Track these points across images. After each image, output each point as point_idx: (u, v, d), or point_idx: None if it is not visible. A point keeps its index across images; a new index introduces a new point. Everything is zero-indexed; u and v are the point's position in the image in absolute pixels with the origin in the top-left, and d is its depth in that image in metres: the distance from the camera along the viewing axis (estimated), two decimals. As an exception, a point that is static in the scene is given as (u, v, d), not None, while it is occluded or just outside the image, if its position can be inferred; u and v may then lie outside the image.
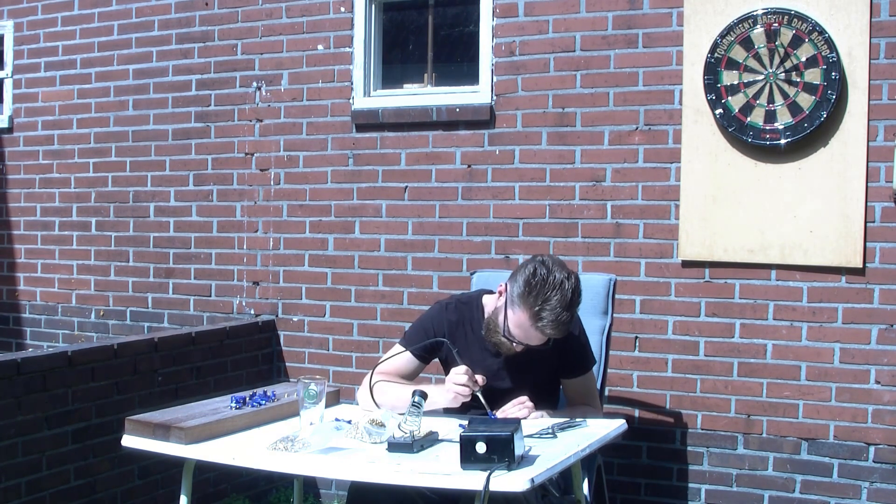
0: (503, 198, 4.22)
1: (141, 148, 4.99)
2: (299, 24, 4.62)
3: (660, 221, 3.96)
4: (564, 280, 2.74)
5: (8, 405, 3.42)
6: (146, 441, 2.62)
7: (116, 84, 5.05)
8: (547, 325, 2.73)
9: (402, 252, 4.42)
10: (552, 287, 2.72)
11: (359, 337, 4.52)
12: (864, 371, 3.69)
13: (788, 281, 3.78)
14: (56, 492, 3.61)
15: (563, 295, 2.71)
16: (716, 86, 3.79)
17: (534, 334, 2.78)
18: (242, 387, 4.26)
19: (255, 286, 4.75)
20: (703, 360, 3.91)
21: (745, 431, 3.86)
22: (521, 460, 2.32)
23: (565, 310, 2.72)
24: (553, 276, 2.73)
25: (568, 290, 2.72)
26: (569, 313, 2.74)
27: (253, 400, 2.88)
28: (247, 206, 4.75)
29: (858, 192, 3.63)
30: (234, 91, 4.76)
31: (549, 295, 2.71)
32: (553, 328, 2.73)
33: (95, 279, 5.13)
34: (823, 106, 3.63)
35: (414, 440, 2.46)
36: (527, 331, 2.78)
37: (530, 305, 2.73)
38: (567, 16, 4.10)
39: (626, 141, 4.01)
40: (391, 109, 4.42)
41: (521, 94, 4.18)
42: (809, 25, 3.64)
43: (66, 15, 5.18)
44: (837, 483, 3.73)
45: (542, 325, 2.73)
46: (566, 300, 2.72)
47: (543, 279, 2.73)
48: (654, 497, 4.01)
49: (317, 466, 2.46)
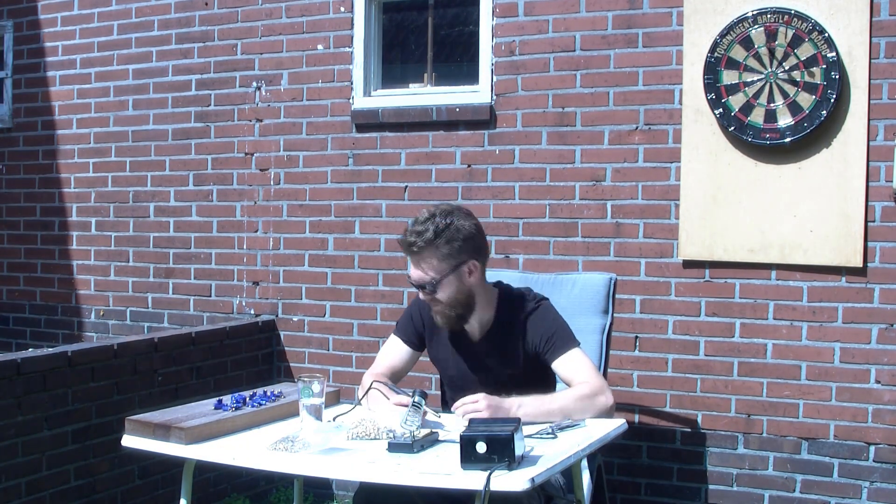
0: (503, 197, 4.22)
1: (141, 148, 4.99)
2: (299, 23, 4.62)
3: (660, 221, 3.96)
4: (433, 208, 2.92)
5: (8, 405, 3.42)
6: (146, 441, 2.62)
7: (116, 84, 5.05)
8: (402, 238, 2.87)
9: (401, 252, 4.41)
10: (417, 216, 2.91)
11: (359, 337, 4.52)
12: (864, 371, 3.69)
13: (788, 280, 3.78)
14: (56, 492, 3.61)
15: (420, 214, 2.89)
16: (716, 85, 3.79)
17: (410, 265, 2.92)
18: (242, 387, 4.26)
19: (255, 286, 4.75)
20: (704, 359, 3.91)
21: (746, 431, 3.86)
22: (522, 460, 2.32)
23: (420, 223, 2.86)
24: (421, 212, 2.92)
25: (428, 212, 2.89)
26: (423, 225, 2.85)
27: (253, 400, 2.88)
28: (247, 206, 4.75)
29: (859, 192, 3.63)
30: (233, 91, 4.76)
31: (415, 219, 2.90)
32: (404, 239, 2.86)
33: (95, 279, 5.13)
34: (823, 105, 3.63)
35: (414, 440, 2.46)
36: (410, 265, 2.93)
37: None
38: (567, 15, 4.10)
39: (626, 140, 4.01)
40: (391, 109, 4.42)
41: (521, 93, 4.18)
42: (809, 25, 3.63)
43: (66, 15, 5.18)
44: (838, 483, 3.73)
45: (400, 241, 2.89)
46: (422, 216, 2.88)
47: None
48: (655, 497, 4.01)
49: (317, 466, 2.46)
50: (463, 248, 2.87)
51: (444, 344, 3.05)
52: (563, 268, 4.03)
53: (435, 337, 3.08)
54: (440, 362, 3.12)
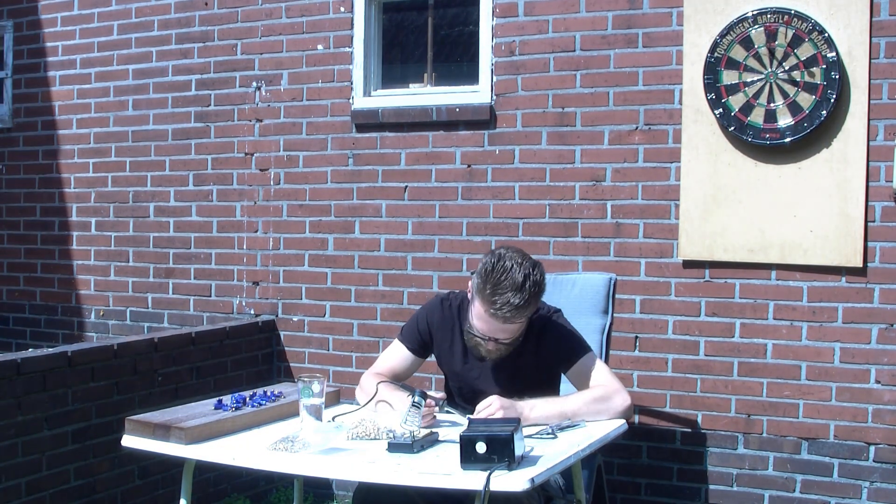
0: (503, 198, 4.22)
1: (141, 148, 4.99)
2: (299, 23, 4.61)
3: (660, 221, 3.96)
4: (515, 265, 2.76)
5: (8, 405, 3.42)
6: (146, 441, 2.62)
7: (116, 84, 5.05)
8: (501, 309, 2.73)
9: (402, 252, 4.42)
10: (503, 272, 2.75)
11: (359, 337, 4.52)
12: (864, 371, 3.69)
13: (788, 280, 3.78)
14: (56, 492, 3.61)
15: (513, 278, 2.73)
16: (716, 85, 3.79)
17: (493, 323, 2.78)
18: (242, 387, 4.26)
19: (255, 286, 4.75)
20: (704, 359, 3.91)
21: (746, 431, 3.86)
22: (522, 460, 2.32)
23: (517, 291, 2.72)
24: (504, 263, 2.77)
25: (519, 273, 2.74)
26: (521, 295, 2.73)
27: (253, 400, 2.88)
28: (247, 206, 4.75)
29: (858, 192, 3.63)
30: (233, 91, 4.76)
31: (500, 279, 2.74)
32: (507, 311, 2.73)
33: (95, 279, 5.13)
34: (823, 105, 3.63)
35: (414, 440, 2.46)
36: (486, 321, 2.79)
37: (486, 294, 2.75)
38: (567, 15, 4.10)
39: (626, 141, 4.01)
40: (391, 109, 4.42)
41: (521, 93, 4.18)
42: (809, 25, 3.63)
43: (66, 15, 5.18)
44: (838, 483, 3.73)
45: (496, 310, 2.74)
46: (516, 283, 2.73)
47: (493, 266, 2.77)
48: (655, 497, 4.01)
49: (317, 466, 2.46)
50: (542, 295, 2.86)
51: (457, 356, 3.01)
52: (563, 268, 4.03)
53: (445, 348, 3.04)
54: (451, 373, 3.08)
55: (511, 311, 2.73)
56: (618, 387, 2.86)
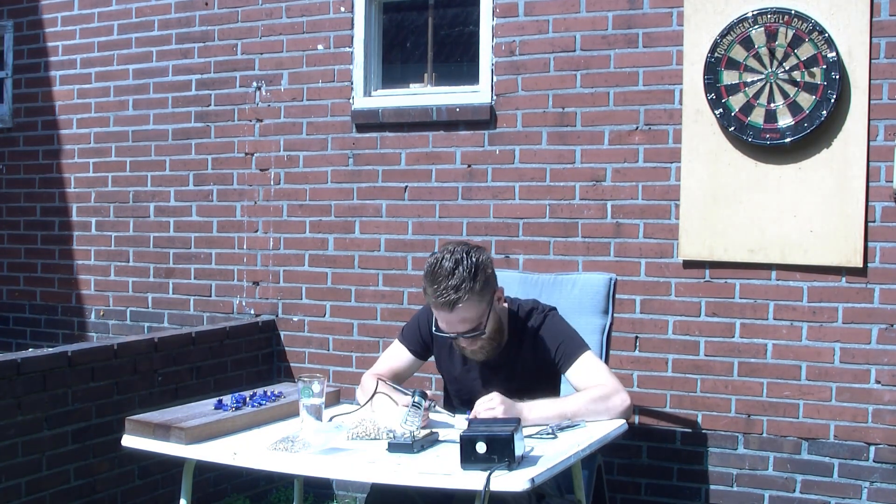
0: (503, 198, 4.22)
1: (141, 148, 4.99)
2: (299, 23, 4.61)
3: (660, 221, 3.96)
4: (447, 254, 2.78)
5: (8, 405, 3.42)
6: (146, 441, 2.63)
7: (116, 84, 5.05)
8: (440, 297, 2.73)
9: (402, 252, 4.42)
10: (435, 262, 2.77)
11: (359, 337, 4.52)
12: (864, 371, 3.69)
13: (788, 281, 3.78)
14: (56, 492, 3.61)
15: (444, 266, 2.75)
16: (716, 85, 3.79)
17: (445, 315, 2.78)
18: (242, 387, 4.26)
19: (255, 286, 4.75)
20: (704, 359, 3.91)
21: (746, 431, 3.86)
22: (522, 460, 2.32)
23: (450, 275, 2.72)
24: (436, 255, 2.80)
25: (449, 260, 2.75)
26: (456, 277, 2.72)
27: (253, 400, 2.88)
28: (247, 206, 4.75)
29: (859, 192, 3.63)
30: (234, 91, 4.76)
31: (435, 270, 2.76)
32: (447, 296, 2.72)
33: (95, 279, 5.13)
34: (823, 105, 3.63)
35: (414, 440, 2.46)
36: (440, 317, 2.81)
37: (427, 290, 2.77)
38: (567, 15, 4.10)
39: (626, 141, 4.01)
40: (391, 109, 4.42)
41: (521, 93, 4.18)
42: (809, 25, 3.63)
43: (66, 15, 5.18)
44: (838, 483, 3.73)
45: (437, 300, 2.74)
46: (447, 268, 2.73)
47: (430, 263, 2.80)
48: (655, 497, 4.01)
49: (317, 466, 2.46)
50: (489, 280, 2.83)
51: (456, 360, 3.01)
52: (563, 268, 4.03)
53: (445, 352, 3.04)
54: (448, 374, 3.08)
55: (451, 295, 2.72)
56: (617, 386, 2.83)
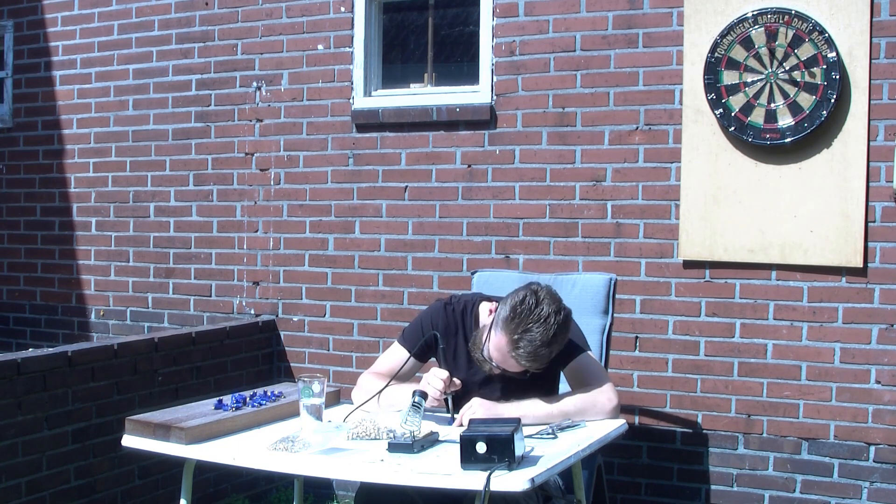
0: (503, 197, 4.22)
1: (141, 148, 4.99)
2: (299, 23, 4.61)
3: (660, 221, 3.96)
4: (552, 314, 2.68)
5: (8, 405, 3.42)
6: (146, 441, 2.63)
7: (116, 84, 5.05)
8: (522, 356, 2.68)
9: (402, 252, 4.42)
10: (537, 319, 2.67)
11: (359, 337, 4.52)
12: (864, 371, 3.69)
13: (789, 281, 3.78)
14: (56, 492, 3.61)
15: (546, 329, 2.66)
16: (716, 85, 3.79)
17: (510, 361, 2.73)
18: (242, 387, 4.26)
19: (255, 286, 4.75)
20: (704, 359, 3.91)
21: (746, 431, 3.86)
22: (522, 460, 2.32)
23: (545, 345, 2.67)
24: (541, 308, 2.68)
25: (552, 326, 2.67)
26: (548, 349, 2.68)
27: (253, 400, 2.88)
28: (247, 206, 4.75)
29: (859, 192, 3.63)
30: (234, 91, 4.76)
31: (531, 326, 2.66)
32: (529, 360, 2.69)
33: (95, 279, 5.13)
34: (824, 106, 3.63)
35: (414, 440, 2.46)
36: (504, 356, 2.73)
37: (511, 332, 2.68)
38: (567, 15, 4.10)
39: (626, 141, 4.01)
40: (391, 109, 4.42)
41: (522, 93, 4.18)
42: (810, 25, 3.63)
43: (66, 15, 5.18)
44: (838, 483, 3.73)
45: (518, 355, 2.69)
46: (547, 336, 2.66)
47: (530, 309, 2.68)
48: (655, 497, 4.01)
49: (317, 466, 2.46)
50: None
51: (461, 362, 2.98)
52: (563, 268, 4.03)
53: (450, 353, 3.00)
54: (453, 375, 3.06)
55: (532, 359, 2.69)
56: (605, 387, 2.85)
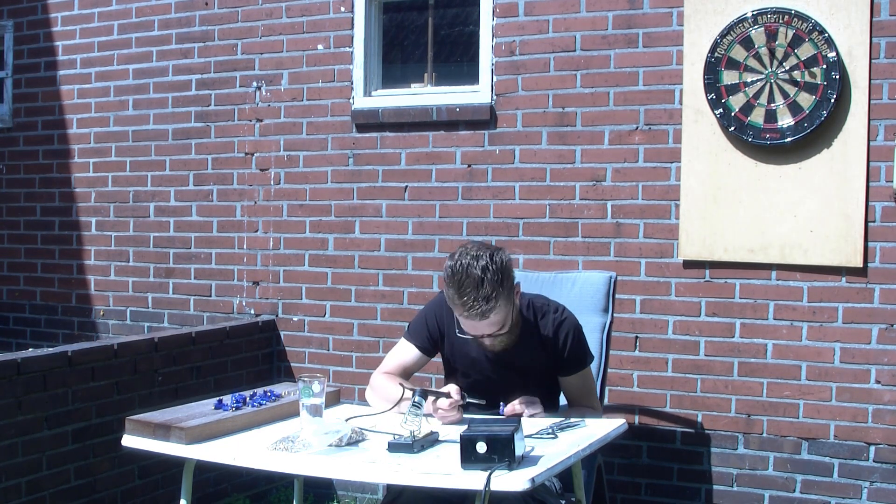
0: (503, 197, 4.22)
1: (141, 148, 4.99)
2: (299, 23, 4.61)
3: (660, 221, 3.96)
4: (472, 260, 2.74)
5: (8, 405, 3.42)
6: (146, 441, 2.62)
7: (116, 84, 5.05)
8: (472, 309, 2.72)
9: (402, 252, 4.42)
10: (462, 272, 2.72)
11: (359, 337, 4.52)
12: (864, 371, 3.69)
13: (789, 281, 3.78)
14: (56, 492, 3.61)
15: (472, 275, 2.71)
16: (716, 85, 3.79)
17: (476, 327, 2.79)
18: (242, 387, 4.26)
19: (255, 286, 4.75)
20: (704, 359, 3.91)
21: (746, 431, 3.86)
22: (522, 460, 2.32)
23: (479, 286, 2.70)
24: (461, 262, 2.75)
25: (476, 268, 2.72)
26: (485, 289, 2.71)
27: (253, 400, 2.88)
28: (247, 206, 4.75)
29: (859, 192, 3.63)
30: (234, 91, 4.76)
31: (461, 280, 2.72)
32: (479, 308, 2.72)
33: (95, 279, 5.13)
34: (824, 105, 3.63)
35: (414, 440, 2.46)
36: (469, 325, 2.80)
37: (453, 299, 2.75)
38: (567, 15, 4.10)
39: (626, 141, 4.01)
40: (391, 109, 4.42)
41: (521, 93, 4.18)
42: (809, 25, 3.63)
43: (66, 15, 5.18)
44: (838, 483, 3.73)
45: (469, 311, 2.73)
46: (476, 278, 2.70)
47: (453, 269, 2.75)
48: (655, 497, 4.01)
49: (317, 466, 2.46)
50: (512, 280, 2.83)
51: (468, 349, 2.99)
52: (563, 268, 4.02)
53: (455, 343, 3.02)
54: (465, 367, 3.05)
55: (483, 307, 2.72)
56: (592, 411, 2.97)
